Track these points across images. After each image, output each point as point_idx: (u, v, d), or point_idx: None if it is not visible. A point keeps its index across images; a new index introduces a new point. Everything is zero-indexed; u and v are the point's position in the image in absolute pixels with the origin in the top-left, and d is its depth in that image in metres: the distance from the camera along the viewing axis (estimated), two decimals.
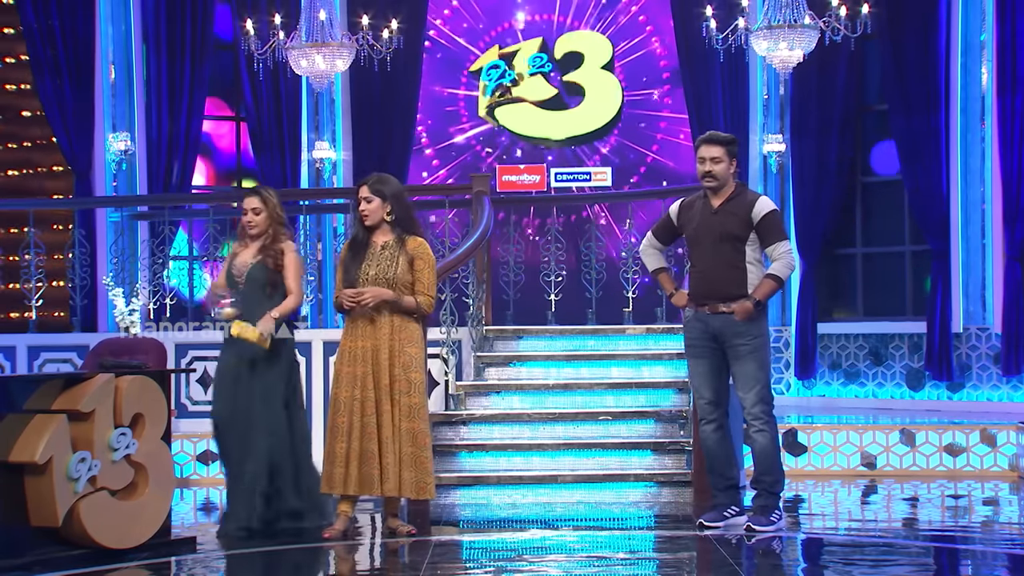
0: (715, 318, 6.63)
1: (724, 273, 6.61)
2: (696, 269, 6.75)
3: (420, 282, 6.53)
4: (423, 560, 6.11)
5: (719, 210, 6.65)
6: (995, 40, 11.25)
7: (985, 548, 6.43)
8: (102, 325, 11.27)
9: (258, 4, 12.32)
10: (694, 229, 6.71)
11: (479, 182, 9.42)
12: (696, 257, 6.75)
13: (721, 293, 6.61)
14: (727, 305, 6.58)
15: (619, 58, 13.37)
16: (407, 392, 6.49)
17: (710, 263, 6.64)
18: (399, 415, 6.47)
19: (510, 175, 13.32)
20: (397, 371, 6.48)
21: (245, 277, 6.72)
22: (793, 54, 10.49)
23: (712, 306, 6.62)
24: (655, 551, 6.57)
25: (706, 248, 6.66)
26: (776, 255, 6.62)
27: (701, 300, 6.67)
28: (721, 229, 6.61)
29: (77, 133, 11.69)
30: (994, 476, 8.83)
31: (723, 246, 6.61)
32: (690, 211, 6.77)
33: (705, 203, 6.72)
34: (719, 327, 6.63)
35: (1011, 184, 11.11)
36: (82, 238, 10.64)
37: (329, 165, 13.04)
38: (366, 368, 6.48)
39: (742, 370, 6.64)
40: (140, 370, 6.43)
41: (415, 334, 6.57)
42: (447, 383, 8.55)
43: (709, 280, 6.64)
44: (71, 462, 5.83)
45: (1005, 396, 11.23)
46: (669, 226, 6.89)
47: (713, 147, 6.64)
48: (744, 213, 6.62)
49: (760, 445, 6.68)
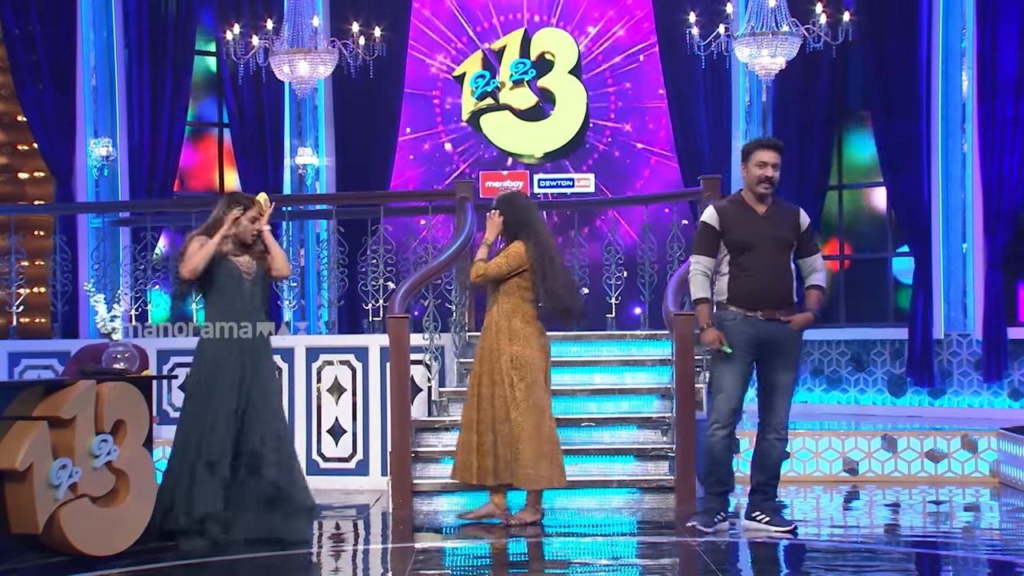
0: (769, 324, 6.52)
1: (781, 279, 6.54)
2: (748, 274, 6.55)
3: (495, 258, 7.08)
4: (405, 567, 6.10)
5: (768, 216, 6.58)
6: (975, 47, 11.31)
7: (966, 554, 6.45)
8: (83, 331, 11.23)
9: (241, 10, 12.31)
10: (744, 234, 6.55)
11: (462, 188, 9.42)
12: (747, 262, 6.55)
13: (777, 300, 6.53)
14: (784, 314, 6.52)
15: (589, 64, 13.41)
16: (520, 388, 6.97)
17: (767, 269, 6.53)
18: (515, 411, 6.94)
19: (493, 181, 13.32)
20: (506, 369, 6.98)
21: (254, 275, 6.64)
22: (775, 61, 10.53)
23: (767, 312, 6.52)
24: (638, 557, 6.57)
25: (761, 253, 6.53)
26: (817, 266, 6.67)
27: (754, 305, 6.54)
28: (776, 235, 6.55)
29: (58, 139, 11.66)
30: (975, 482, 8.86)
31: (778, 252, 6.55)
32: (730, 216, 6.60)
33: (747, 208, 6.60)
34: (772, 334, 6.52)
35: (991, 191, 11.16)
36: (63, 244, 10.60)
37: (312, 171, 13.02)
38: (485, 366, 7.02)
39: (785, 380, 6.58)
40: (122, 376, 6.40)
41: (521, 333, 7.02)
42: (430, 389, 8.54)
43: (766, 286, 6.53)
44: (52, 469, 5.80)
45: (986, 402, 11.27)
46: (714, 237, 6.64)
47: (776, 152, 6.57)
48: (792, 221, 6.60)
49: (779, 453, 6.69)
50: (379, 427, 8.75)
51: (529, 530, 6.93)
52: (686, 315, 7.89)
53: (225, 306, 6.54)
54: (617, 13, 13.39)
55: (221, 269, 6.55)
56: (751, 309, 6.55)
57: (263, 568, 6.20)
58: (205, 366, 6.54)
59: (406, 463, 7.75)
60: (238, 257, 6.62)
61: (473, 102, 13.51)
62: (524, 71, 13.48)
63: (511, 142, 13.49)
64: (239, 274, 6.58)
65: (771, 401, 6.64)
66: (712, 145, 12.53)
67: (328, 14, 12.67)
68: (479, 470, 7.00)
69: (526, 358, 7.00)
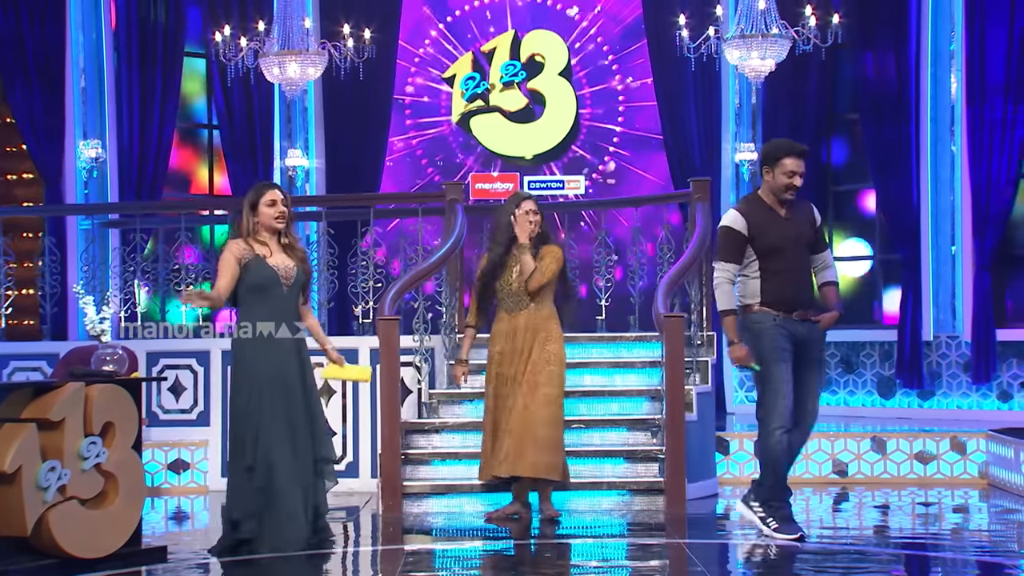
0: (801, 325, 6.51)
1: (807, 280, 6.63)
2: (780, 277, 6.52)
3: (541, 261, 7.24)
4: (395, 569, 6.09)
5: (789, 217, 6.60)
6: (964, 50, 11.34)
7: (955, 555, 6.46)
8: (72, 333, 11.19)
9: (231, 12, 12.29)
10: (772, 237, 6.53)
11: (452, 190, 9.41)
12: (777, 265, 6.51)
13: (807, 301, 6.58)
14: (815, 313, 6.55)
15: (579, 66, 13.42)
16: (547, 384, 7.18)
17: (797, 270, 6.55)
18: (537, 403, 7.13)
19: (483, 183, 13.32)
20: (540, 366, 7.19)
21: (293, 281, 6.49)
22: (765, 63, 10.55)
23: (801, 313, 6.52)
24: (628, 559, 6.57)
25: (790, 255, 6.53)
26: (829, 261, 6.73)
27: (789, 308, 6.51)
28: (799, 235, 6.58)
29: (47, 140, 11.62)
30: (964, 484, 8.88)
31: (803, 252, 6.59)
32: (756, 220, 6.57)
33: (769, 211, 6.60)
34: (805, 334, 6.52)
35: (980, 193, 11.19)
36: (52, 246, 10.57)
37: (302, 173, 13.01)
38: (513, 368, 7.22)
39: (815, 379, 6.62)
40: (111, 378, 6.38)
41: (556, 333, 7.29)
42: (420, 391, 8.54)
43: (798, 287, 6.55)
44: (40, 471, 5.78)
45: (975, 404, 11.30)
46: (740, 242, 6.57)
47: (802, 161, 6.58)
48: (809, 219, 6.65)
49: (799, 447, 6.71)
50: (369, 429, 8.75)
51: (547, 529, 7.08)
52: (676, 317, 7.90)
53: (264, 307, 6.41)
54: (607, 15, 13.38)
55: (261, 272, 6.42)
56: (787, 311, 6.52)
57: (253, 570, 6.18)
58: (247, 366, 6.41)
59: (396, 465, 7.75)
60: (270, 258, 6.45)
61: (463, 104, 13.50)
62: (514, 73, 13.48)
63: (501, 144, 13.48)
64: (278, 279, 6.44)
65: (803, 401, 6.58)
66: (702, 147, 12.54)
67: (318, 16, 12.66)
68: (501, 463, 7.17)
69: (561, 356, 7.32)
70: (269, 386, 6.35)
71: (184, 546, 6.84)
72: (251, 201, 6.48)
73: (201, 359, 9.21)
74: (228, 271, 6.37)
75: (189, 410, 9.26)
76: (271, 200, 6.45)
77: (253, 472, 6.28)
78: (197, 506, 8.50)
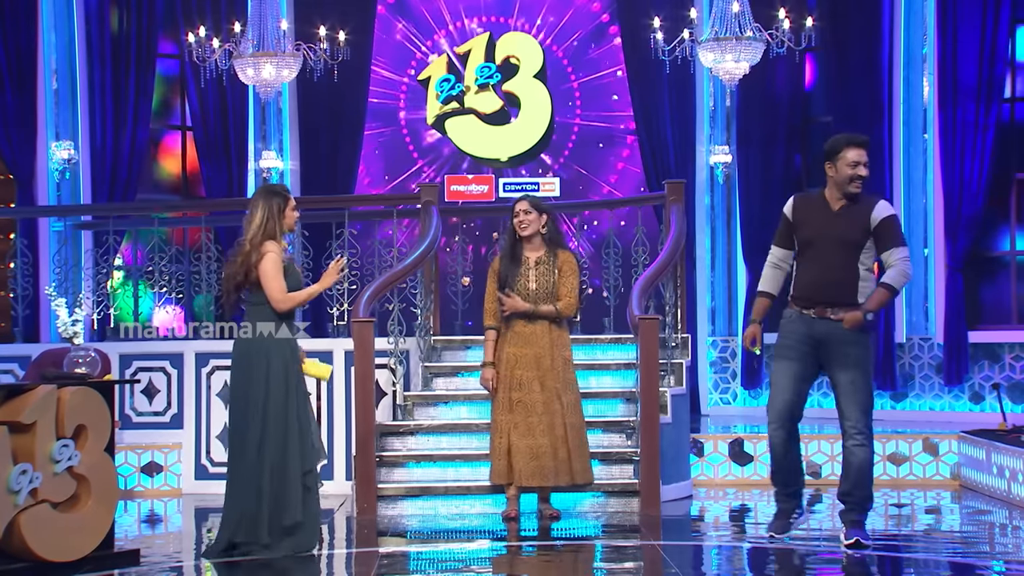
0: (820, 323, 6.40)
1: (838, 279, 6.37)
2: (808, 271, 6.46)
3: (564, 287, 7.35)
4: (370, 571, 6.08)
5: (841, 212, 6.40)
6: (936, 53, 11.40)
7: (927, 556, 6.50)
8: (44, 336, 11.14)
9: (204, 13, 12.24)
10: (811, 231, 6.43)
11: (427, 192, 9.40)
12: (809, 259, 6.44)
13: (831, 299, 6.39)
14: (835, 312, 6.38)
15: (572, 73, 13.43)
16: (566, 391, 7.33)
17: (825, 268, 6.38)
18: (564, 413, 7.28)
19: (458, 184, 13.31)
20: (559, 373, 7.31)
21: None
22: (739, 66, 10.58)
23: (819, 310, 6.40)
24: (603, 561, 6.58)
25: (822, 251, 6.39)
26: (892, 261, 6.37)
27: (808, 303, 6.44)
28: (840, 233, 6.36)
29: (19, 141, 11.55)
30: (936, 485, 8.93)
31: (840, 251, 6.37)
32: (806, 210, 6.47)
33: (823, 204, 6.44)
34: (824, 333, 6.40)
35: (952, 195, 11.26)
36: (24, 247, 10.51)
37: (276, 175, 12.97)
38: (530, 372, 7.27)
39: (848, 379, 6.43)
40: (83, 381, 6.35)
41: (566, 339, 7.43)
42: (395, 393, 8.53)
43: (821, 285, 6.39)
44: (12, 474, 5.75)
45: (947, 405, 11.36)
46: (787, 229, 6.55)
47: (865, 150, 6.38)
48: (863, 217, 6.37)
49: (859, 460, 6.52)
50: (343, 431, 8.73)
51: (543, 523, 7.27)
52: (650, 319, 7.92)
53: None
54: (581, 17, 13.40)
55: (294, 276, 6.58)
56: (806, 307, 6.46)
57: (227, 572, 6.16)
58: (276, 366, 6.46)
59: (371, 467, 7.74)
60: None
61: (438, 106, 13.49)
62: (489, 75, 13.47)
63: (476, 146, 13.47)
64: (300, 284, 6.64)
65: (838, 403, 6.54)
66: (677, 149, 12.57)
67: (293, 17, 12.62)
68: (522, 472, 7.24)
69: (571, 362, 7.49)
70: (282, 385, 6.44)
71: (157, 549, 6.81)
72: (279, 205, 6.52)
73: (175, 361, 9.17)
74: (281, 273, 6.46)
75: (163, 413, 9.21)
76: (295, 205, 6.63)
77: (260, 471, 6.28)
78: (171, 509, 8.47)
